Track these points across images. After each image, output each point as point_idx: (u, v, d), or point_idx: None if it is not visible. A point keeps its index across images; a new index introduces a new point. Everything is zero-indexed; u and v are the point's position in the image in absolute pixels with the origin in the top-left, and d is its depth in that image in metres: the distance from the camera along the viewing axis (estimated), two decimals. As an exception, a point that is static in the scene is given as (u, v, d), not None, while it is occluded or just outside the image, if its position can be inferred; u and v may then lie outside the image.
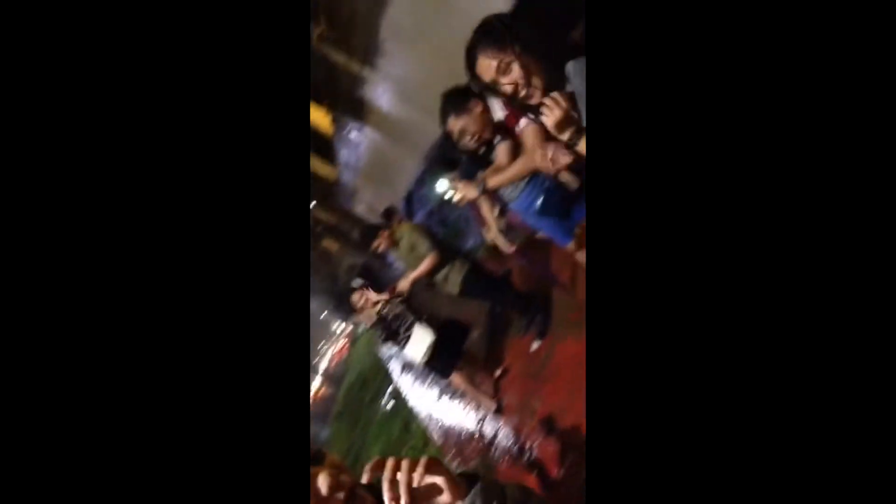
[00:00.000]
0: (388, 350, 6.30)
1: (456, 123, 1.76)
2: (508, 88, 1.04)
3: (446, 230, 5.09)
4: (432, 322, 2.71)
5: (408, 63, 4.01)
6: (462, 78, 3.68)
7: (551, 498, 1.99)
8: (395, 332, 2.70)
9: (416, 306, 2.78)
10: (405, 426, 4.26)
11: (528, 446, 2.33)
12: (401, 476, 0.51)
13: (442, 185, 1.82)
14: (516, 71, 1.03)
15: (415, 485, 0.51)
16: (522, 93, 1.05)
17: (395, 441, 4.21)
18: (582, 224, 2.20)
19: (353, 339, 9.88)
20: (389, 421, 4.78)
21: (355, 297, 2.76)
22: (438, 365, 2.75)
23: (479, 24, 1.10)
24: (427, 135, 4.60)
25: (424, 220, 5.84)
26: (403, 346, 2.71)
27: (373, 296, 2.84)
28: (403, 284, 2.69)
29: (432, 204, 5.49)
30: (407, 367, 5.62)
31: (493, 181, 1.75)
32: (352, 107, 5.21)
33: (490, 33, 1.08)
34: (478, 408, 2.99)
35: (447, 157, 2.80)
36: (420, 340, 2.64)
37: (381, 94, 4.66)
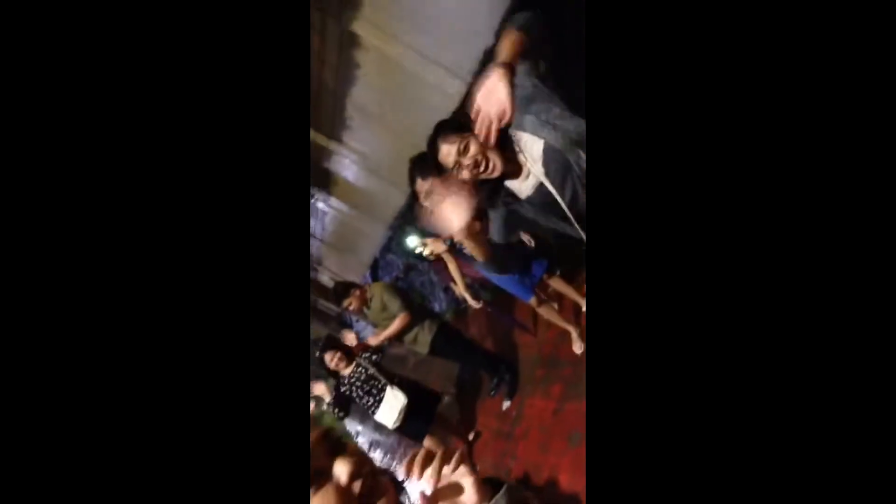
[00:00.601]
0: (353, 426, 6.04)
1: (423, 185, 1.90)
2: (470, 163, 1.11)
3: (412, 295, 5.15)
4: (403, 386, 2.70)
5: (372, 138, 4.25)
6: (420, 150, 3.89)
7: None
8: (366, 395, 2.66)
9: (387, 370, 2.77)
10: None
11: (504, 509, 2.28)
12: (433, 465, 0.51)
13: (412, 241, 1.93)
14: (474, 147, 1.12)
15: (444, 478, 0.51)
16: (482, 167, 1.12)
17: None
18: (542, 280, 2.34)
19: (316, 416, 9.38)
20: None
21: (327, 356, 2.72)
22: (411, 429, 2.70)
23: (436, 124, 1.24)
24: (391, 205, 4.77)
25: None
26: (374, 412, 2.66)
27: (351, 339, 2.82)
28: (374, 340, 2.70)
29: (398, 271, 5.58)
30: (375, 443, 5.39)
31: (458, 236, 1.87)
32: (318, 178, 5.37)
33: (448, 123, 1.20)
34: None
35: (412, 222, 2.94)
36: (392, 404, 2.61)
37: (346, 166, 4.86)
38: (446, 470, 0.53)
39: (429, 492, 0.52)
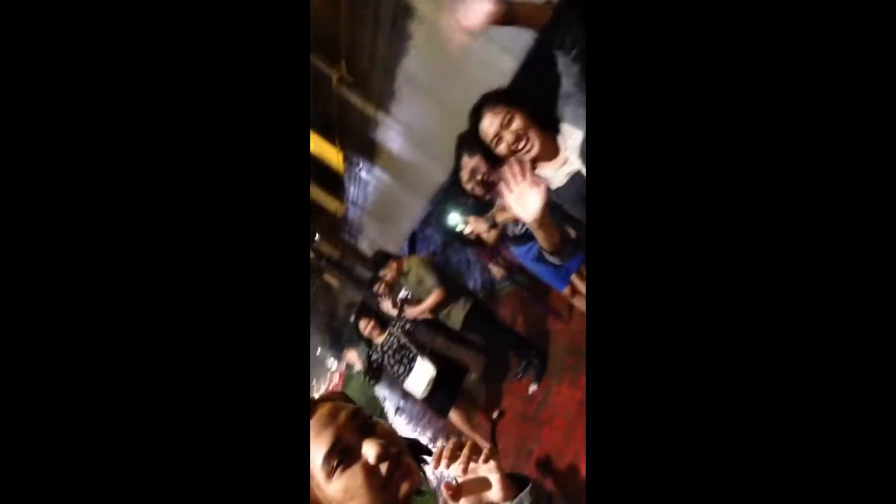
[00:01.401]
0: (382, 391, 6.24)
1: (469, 163, 1.88)
2: (510, 138, 1.10)
3: (448, 271, 5.19)
4: (433, 358, 2.75)
5: (419, 111, 4.23)
6: (466, 127, 3.84)
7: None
8: (396, 364, 2.74)
9: (419, 340, 2.83)
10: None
11: (522, 489, 2.33)
12: (461, 457, 0.51)
13: (454, 219, 1.94)
14: (518, 122, 1.10)
15: (471, 472, 0.51)
16: (522, 143, 1.11)
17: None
18: (580, 271, 2.31)
19: (346, 377, 9.74)
20: (381, 461, 4.70)
21: (362, 323, 2.81)
22: (437, 401, 2.77)
23: (484, 94, 1.22)
24: (433, 179, 4.77)
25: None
26: (404, 380, 2.74)
27: (386, 305, 2.89)
28: (410, 313, 2.76)
29: (436, 245, 5.61)
30: (401, 409, 5.55)
31: (500, 217, 1.85)
32: (363, 147, 5.42)
33: (497, 93, 1.19)
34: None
35: (454, 199, 2.93)
36: (422, 374, 2.67)
37: (391, 137, 4.88)
38: (474, 464, 0.53)
39: (456, 482, 0.52)
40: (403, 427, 4.92)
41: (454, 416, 2.79)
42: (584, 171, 1.13)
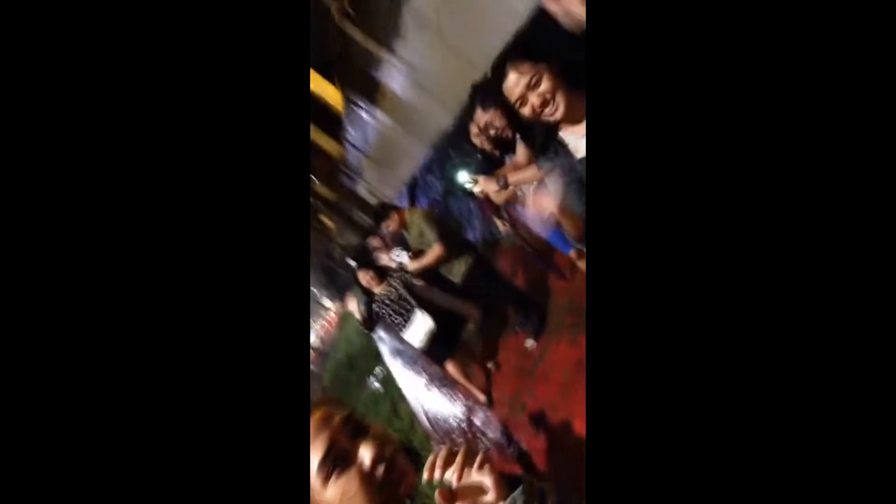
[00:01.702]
0: (378, 332, 6.36)
1: (483, 117, 1.77)
2: (537, 101, 1.02)
3: (449, 221, 5.14)
4: (431, 310, 2.77)
5: (425, 52, 4.00)
6: (476, 70, 3.65)
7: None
8: (395, 315, 2.76)
9: (418, 292, 2.83)
10: (393, 409, 4.35)
11: (516, 439, 2.42)
12: (455, 465, 0.51)
13: (463, 177, 1.86)
14: (546, 83, 1.02)
15: (465, 477, 0.51)
16: (549, 108, 1.04)
17: (383, 422, 4.30)
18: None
19: (343, 317, 9.92)
20: (378, 402, 4.87)
21: (360, 274, 2.80)
22: (434, 352, 2.82)
23: (510, 45, 1.13)
24: (437, 125, 4.61)
25: (427, 207, 5.87)
26: (402, 330, 2.77)
27: (385, 258, 2.89)
28: (413, 266, 2.75)
29: (437, 193, 5.52)
30: (397, 351, 5.69)
31: (513, 178, 1.77)
32: (365, 87, 5.18)
33: (523, 47, 1.09)
34: (468, 397, 3.07)
35: (461, 151, 2.84)
36: (420, 327, 2.71)
37: (395, 78, 4.64)
38: (468, 469, 0.53)
39: (450, 489, 0.51)
40: (400, 370, 5.06)
41: (450, 367, 2.85)
42: None
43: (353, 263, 3.00)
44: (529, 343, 2.81)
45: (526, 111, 1.03)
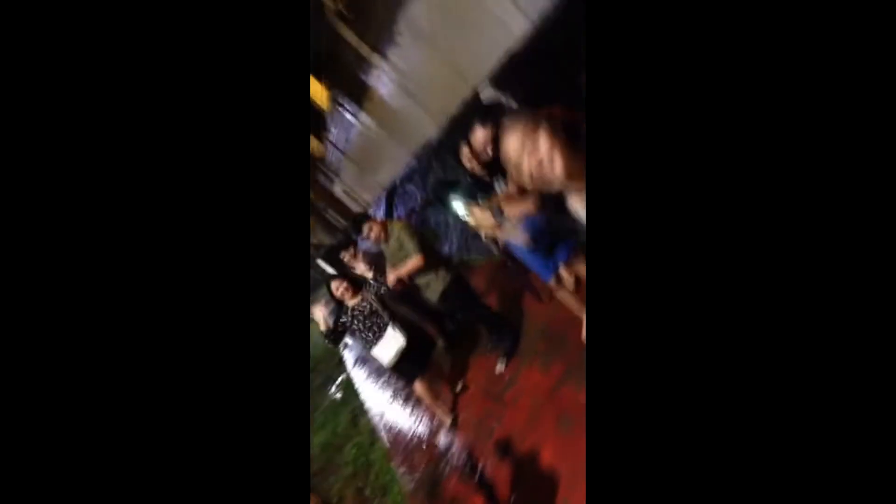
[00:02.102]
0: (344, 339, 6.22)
1: (479, 135, 1.69)
2: (533, 164, 0.87)
3: (426, 232, 5.08)
4: (404, 326, 2.70)
5: (417, 61, 3.96)
6: (465, 84, 3.64)
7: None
8: (367, 330, 2.67)
9: (391, 308, 2.76)
10: (353, 420, 4.24)
11: (480, 465, 2.37)
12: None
13: (459, 207, 1.80)
14: (543, 143, 0.86)
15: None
16: (547, 169, 0.88)
17: (341, 433, 4.18)
18: (568, 261, 2.25)
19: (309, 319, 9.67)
20: (337, 411, 4.74)
21: (334, 284, 2.69)
22: (404, 370, 2.74)
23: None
24: (422, 133, 4.58)
25: (405, 217, 5.80)
26: (372, 347, 2.69)
27: (360, 267, 2.79)
28: (390, 278, 2.67)
29: (415, 203, 5.47)
30: (361, 360, 5.56)
31: (509, 210, 1.71)
32: (352, 89, 5.10)
33: (518, 111, 0.98)
34: (433, 418, 3.01)
35: (451, 174, 2.79)
36: (392, 343, 2.63)
37: (384, 83, 4.58)
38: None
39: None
40: (363, 381, 4.95)
41: (418, 386, 2.78)
42: None
43: (325, 267, 2.89)
44: (499, 367, 2.77)
45: (524, 179, 0.89)
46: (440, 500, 2.46)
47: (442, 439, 2.83)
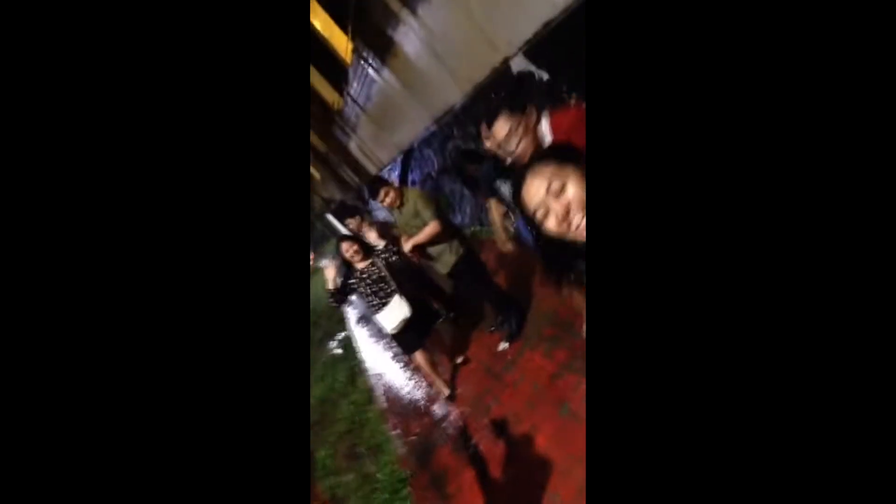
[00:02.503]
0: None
1: (503, 125, 1.61)
2: (560, 211, 0.77)
3: (440, 199, 5.02)
4: (410, 296, 2.70)
5: (449, 22, 3.79)
6: (497, 53, 3.50)
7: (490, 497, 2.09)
8: (372, 295, 2.67)
9: (399, 276, 2.75)
10: (351, 378, 4.32)
11: (474, 441, 2.42)
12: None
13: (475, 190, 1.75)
14: (573, 190, 0.76)
15: None
16: (577, 217, 0.77)
17: (339, 389, 4.27)
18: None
19: (313, 270, 9.77)
20: (335, 367, 4.83)
21: (344, 245, 2.66)
22: (405, 340, 2.76)
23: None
24: (445, 98, 4.45)
25: (419, 182, 5.72)
26: (376, 312, 2.70)
27: (372, 237, 2.78)
28: (406, 245, 2.64)
29: (431, 168, 5.38)
30: (364, 319, 5.62)
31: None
32: (377, 43, 4.92)
33: (545, 153, 0.83)
34: (431, 387, 3.06)
35: (469, 151, 2.71)
36: (396, 312, 2.64)
37: (411, 40, 4.41)
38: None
39: None
40: (364, 340, 5.02)
41: (418, 356, 2.80)
42: None
43: (337, 224, 2.87)
44: (503, 345, 2.78)
45: (550, 224, 0.78)
46: (431, 468, 2.53)
47: (438, 408, 2.88)
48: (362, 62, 5.48)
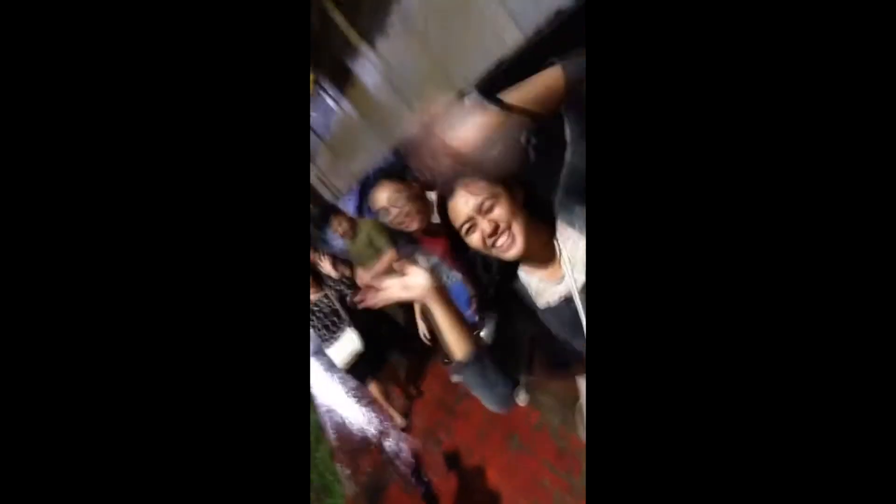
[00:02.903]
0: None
1: (382, 194, 1.41)
2: (489, 228, 0.76)
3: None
4: (362, 330, 2.63)
5: (406, 55, 3.90)
6: (452, 86, 3.60)
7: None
8: (323, 328, 2.59)
9: (351, 308, 2.68)
10: (300, 413, 4.14)
11: (426, 477, 2.34)
12: None
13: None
14: (501, 209, 0.75)
15: None
16: (501, 239, 0.76)
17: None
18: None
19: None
20: (284, 402, 4.62)
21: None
22: (358, 371, 2.68)
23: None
24: (402, 129, 4.53)
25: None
26: (327, 346, 2.62)
27: (326, 267, 2.69)
28: (364, 277, 2.58)
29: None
30: (315, 352, 5.44)
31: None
32: (337, 74, 4.98)
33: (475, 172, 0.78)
34: (384, 421, 2.96)
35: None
36: (347, 346, 2.57)
37: (370, 72, 4.49)
38: None
39: None
40: (316, 372, 4.83)
41: (372, 387, 2.73)
42: (578, 301, 0.79)
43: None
44: (456, 377, 2.74)
45: (474, 240, 0.78)
46: (381, 507, 2.43)
47: (389, 444, 2.79)
48: (321, 92, 5.51)
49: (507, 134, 0.74)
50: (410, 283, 0.76)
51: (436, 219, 1.16)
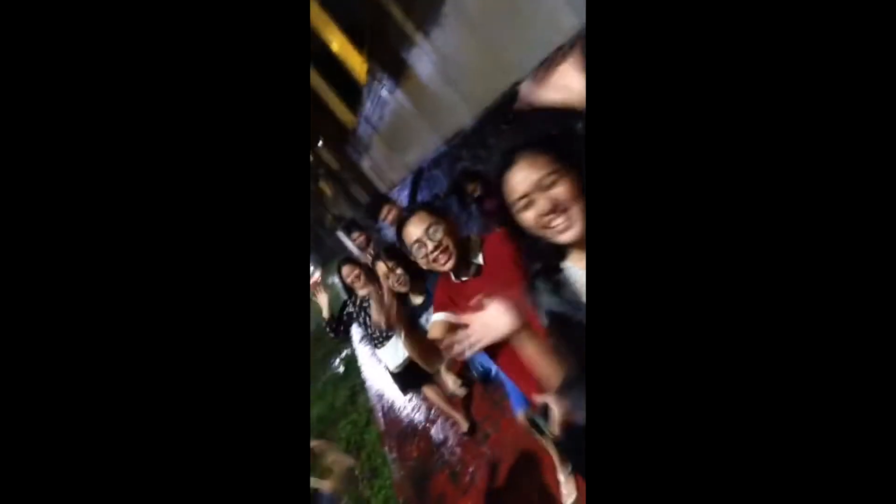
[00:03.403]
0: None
1: (418, 226, 1.18)
2: (544, 206, 0.71)
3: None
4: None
5: (461, 46, 3.86)
6: (506, 77, 3.53)
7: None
8: (374, 326, 2.54)
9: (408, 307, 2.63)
10: (352, 397, 4.28)
11: (470, 471, 2.36)
12: None
13: None
14: (562, 189, 0.71)
15: None
16: (559, 220, 0.72)
17: (339, 409, 4.22)
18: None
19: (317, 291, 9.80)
20: (337, 386, 4.79)
21: (345, 269, 2.50)
22: (410, 378, 2.50)
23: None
24: (455, 121, 4.50)
25: (428, 202, 5.75)
26: (379, 345, 2.48)
27: (381, 268, 2.57)
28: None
29: (441, 189, 5.40)
30: (367, 337, 5.58)
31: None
32: (392, 65, 5.02)
33: (537, 142, 0.74)
34: (446, 420, 2.90)
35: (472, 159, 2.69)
36: (401, 348, 2.37)
37: (425, 64, 4.49)
38: None
39: None
40: (366, 358, 4.98)
41: (428, 392, 2.64)
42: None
43: (346, 241, 2.79)
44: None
45: (529, 216, 0.73)
46: (427, 495, 2.47)
47: (436, 433, 2.82)
48: (376, 83, 5.59)
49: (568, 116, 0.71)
50: (492, 324, 0.69)
51: (474, 257, 1.10)
